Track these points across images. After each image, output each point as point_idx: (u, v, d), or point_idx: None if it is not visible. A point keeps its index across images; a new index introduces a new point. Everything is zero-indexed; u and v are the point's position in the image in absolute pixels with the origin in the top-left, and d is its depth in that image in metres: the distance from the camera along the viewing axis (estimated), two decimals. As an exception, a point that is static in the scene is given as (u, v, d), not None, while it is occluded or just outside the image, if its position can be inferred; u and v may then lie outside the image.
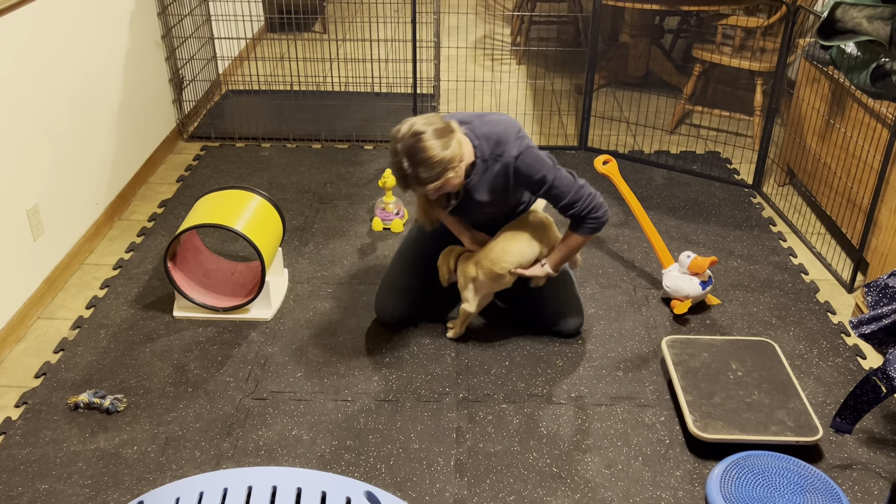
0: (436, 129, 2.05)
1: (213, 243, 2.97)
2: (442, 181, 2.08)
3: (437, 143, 2.04)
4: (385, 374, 2.35)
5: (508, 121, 2.25)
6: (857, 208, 2.79)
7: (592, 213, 2.26)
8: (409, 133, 2.04)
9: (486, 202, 2.30)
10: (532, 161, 2.21)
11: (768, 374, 2.24)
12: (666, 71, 4.40)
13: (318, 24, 5.39)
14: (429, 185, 2.07)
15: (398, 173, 2.09)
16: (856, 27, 2.74)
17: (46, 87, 2.68)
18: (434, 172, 2.05)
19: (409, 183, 2.09)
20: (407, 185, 2.10)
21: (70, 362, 2.38)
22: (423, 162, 2.03)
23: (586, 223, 2.27)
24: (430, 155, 2.03)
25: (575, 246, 2.33)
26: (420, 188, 2.10)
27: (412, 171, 2.05)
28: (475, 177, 2.25)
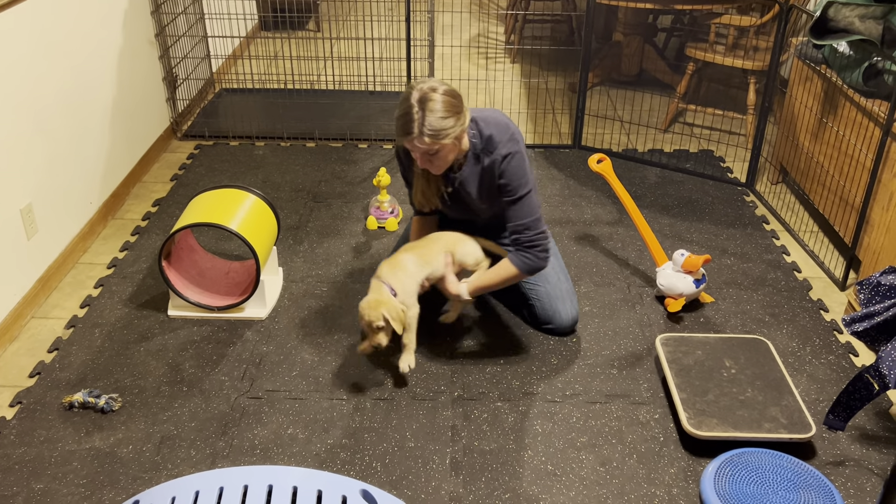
0: (452, 92, 2.13)
1: (207, 242, 2.97)
2: (439, 143, 2.09)
3: (449, 104, 2.10)
4: (380, 373, 2.35)
5: (505, 122, 2.28)
6: (849, 206, 2.81)
7: (539, 247, 2.28)
8: (427, 86, 2.10)
9: (477, 199, 2.33)
10: (517, 167, 2.24)
11: (762, 371, 2.25)
12: (659, 69, 4.41)
13: (312, 23, 5.39)
14: (427, 138, 2.08)
15: (404, 118, 2.09)
16: (848, 26, 2.76)
17: (40, 86, 2.67)
18: (437, 129, 2.07)
19: (410, 130, 2.08)
20: (408, 132, 2.09)
21: (64, 361, 2.38)
22: (433, 112, 2.06)
23: (528, 254, 2.28)
24: (439, 109, 2.07)
25: (504, 277, 2.31)
26: (419, 140, 2.09)
27: (419, 118, 2.06)
28: (466, 169, 2.29)
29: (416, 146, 2.12)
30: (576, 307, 2.50)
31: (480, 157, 2.26)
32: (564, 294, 2.48)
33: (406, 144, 2.15)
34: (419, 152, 2.15)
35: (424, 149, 2.12)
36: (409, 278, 2.28)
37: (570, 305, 2.48)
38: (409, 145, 2.14)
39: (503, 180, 2.25)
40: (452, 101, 2.11)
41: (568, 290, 2.50)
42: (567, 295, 2.49)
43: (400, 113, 2.12)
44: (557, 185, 3.43)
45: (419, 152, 2.15)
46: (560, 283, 2.49)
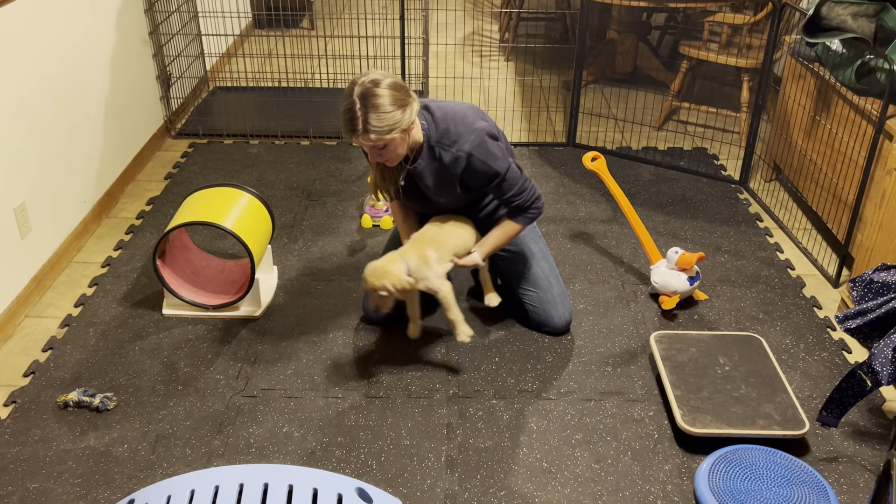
0: (396, 85, 2.06)
1: (202, 241, 2.96)
2: (387, 138, 2.05)
3: (393, 97, 2.03)
4: (375, 371, 2.35)
5: (466, 110, 2.23)
6: (842, 204, 2.82)
7: (534, 204, 2.31)
8: (369, 79, 2.04)
9: (434, 191, 2.29)
10: (486, 157, 2.20)
11: (755, 368, 2.26)
12: (653, 67, 4.42)
13: (306, 21, 5.38)
14: (373, 135, 2.03)
15: (347, 115, 2.04)
16: (841, 24, 2.77)
17: (33, 85, 2.66)
18: (383, 125, 2.03)
19: (355, 127, 2.03)
20: (353, 130, 2.04)
21: (59, 361, 2.37)
22: (376, 108, 2.01)
23: (527, 213, 2.31)
24: (383, 105, 2.01)
25: (511, 234, 2.34)
26: (364, 137, 2.05)
27: (362, 115, 2.01)
28: (422, 162, 2.24)
29: (363, 143, 2.09)
30: (569, 309, 2.50)
31: (435, 150, 2.21)
32: (556, 298, 2.48)
33: (353, 141, 2.12)
34: (367, 147, 2.12)
35: (371, 144, 2.09)
36: (431, 272, 2.26)
37: (563, 308, 2.48)
38: (356, 142, 2.11)
39: (479, 173, 2.21)
40: (396, 94, 2.04)
41: (560, 294, 2.49)
42: (559, 299, 2.48)
43: (343, 109, 2.06)
44: (552, 182, 3.44)
45: (367, 147, 2.12)
46: (551, 287, 2.49)
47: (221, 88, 4.35)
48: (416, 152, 2.24)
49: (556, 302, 2.48)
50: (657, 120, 4.00)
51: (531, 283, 2.48)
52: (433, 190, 2.31)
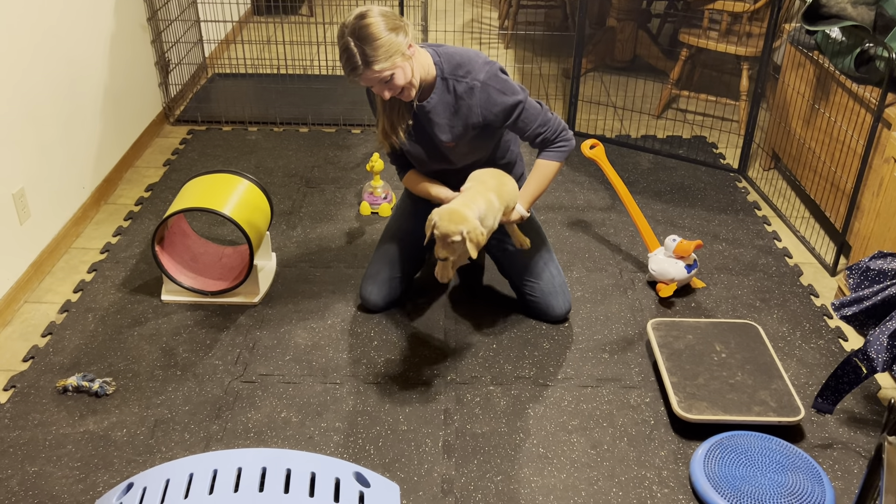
0: (384, 11, 2.01)
1: (200, 227, 2.96)
2: (391, 66, 1.99)
3: (385, 23, 1.98)
4: (373, 357, 2.36)
5: (475, 51, 2.20)
6: (840, 192, 2.82)
7: (562, 135, 2.25)
8: (355, 15, 2.00)
9: (447, 133, 2.22)
10: (502, 85, 2.14)
11: (752, 355, 2.27)
12: (653, 55, 4.41)
13: (305, 7, 5.36)
14: (376, 66, 1.97)
15: (346, 55, 1.98)
16: (840, 12, 2.76)
17: (31, 71, 2.66)
18: (382, 52, 1.97)
19: (355, 64, 1.98)
20: (354, 68, 1.99)
21: (58, 346, 2.38)
22: (369, 38, 1.96)
23: (556, 146, 2.26)
24: (376, 32, 1.96)
25: (548, 174, 2.27)
26: (369, 72, 2.00)
27: (359, 50, 1.96)
28: (434, 97, 2.18)
29: (369, 79, 2.03)
30: (568, 299, 2.51)
31: (449, 82, 2.16)
32: (557, 289, 2.48)
33: (360, 82, 2.05)
34: (375, 84, 2.05)
35: (378, 78, 2.02)
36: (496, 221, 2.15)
37: (563, 299, 2.49)
38: (362, 82, 2.05)
39: (495, 103, 2.15)
40: (386, 19, 1.99)
41: (561, 284, 2.50)
42: (560, 289, 2.49)
43: (340, 52, 2.01)
44: (550, 170, 3.43)
45: (375, 84, 2.05)
46: (553, 278, 2.49)
47: (220, 75, 4.34)
48: (428, 90, 2.17)
49: (557, 292, 2.48)
50: (656, 108, 3.99)
51: (533, 274, 2.48)
52: (446, 130, 2.21)
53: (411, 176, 2.41)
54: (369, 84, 2.07)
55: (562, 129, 2.26)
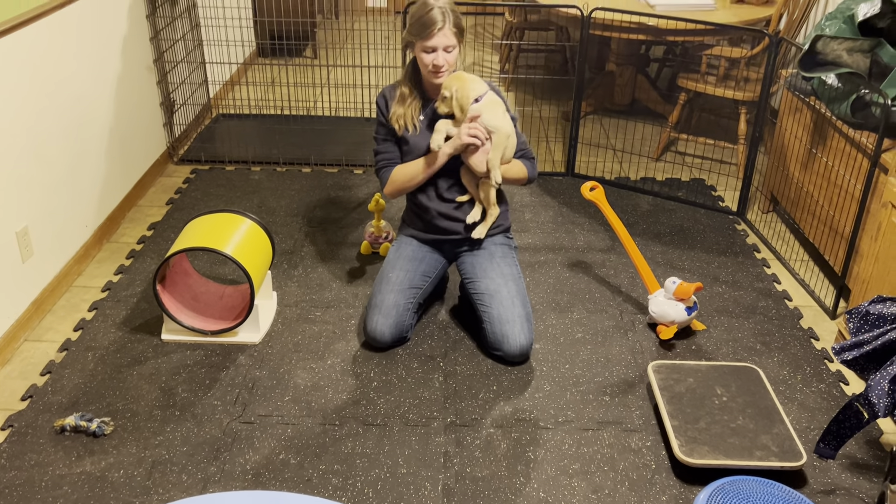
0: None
1: (202, 266, 2.98)
2: (459, 41, 2.40)
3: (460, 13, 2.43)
4: (373, 398, 2.35)
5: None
6: (839, 236, 2.84)
7: (535, 160, 2.63)
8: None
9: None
10: (502, 97, 2.50)
11: (753, 399, 2.26)
12: (651, 99, 4.47)
13: (309, 50, 5.45)
14: (454, 29, 2.36)
15: (429, 15, 2.34)
16: (836, 59, 2.81)
17: (38, 111, 2.69)
18: (460, 25, 2.38)
19: (442, 20, 2.33)
20: (436, 23, 2.33)
21: (57, 385, 2.38)
22: (454, 12, 2.38)
23: (532, 162, 2.61)
24: (458, 11, 2.40)
25: (521, 168, 2.56)
26: (446, 32, 2.35)
27: (444, 12, 2.34)
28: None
29: (440, 40, 2.35)
30: (528, 335, 2.45)
31: None
32: (516, 318, 2.45)
33: (428, 42, 2.36)
34: (440, 47, 2.37)
35: (447, 43, 2.36)
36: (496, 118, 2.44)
37: (521, 331, 2.44)
38: (432, 41, 2.35)
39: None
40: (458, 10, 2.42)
41: (521, 315, 2.46)
42: (519, 319, 2.45)
43: (423, 12, 2.35)
44: (551, 212, 3.46)
45: (440, 47, 2.37)
46: (514, 307, 2.47)
47: (224, 115, 4.39)
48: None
49: (515, 321, 2.45)
50: (655, 151, 4.03)
51: (494, 297, 2.48)
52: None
53: (397, 169, 2.56)
54: (435, 43, 2.36)
55: (533, 156, 2.64)
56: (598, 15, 3.51)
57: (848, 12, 2.92)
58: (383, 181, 2.57)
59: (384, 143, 2.57)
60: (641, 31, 3.63)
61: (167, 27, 3.75)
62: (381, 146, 2.58)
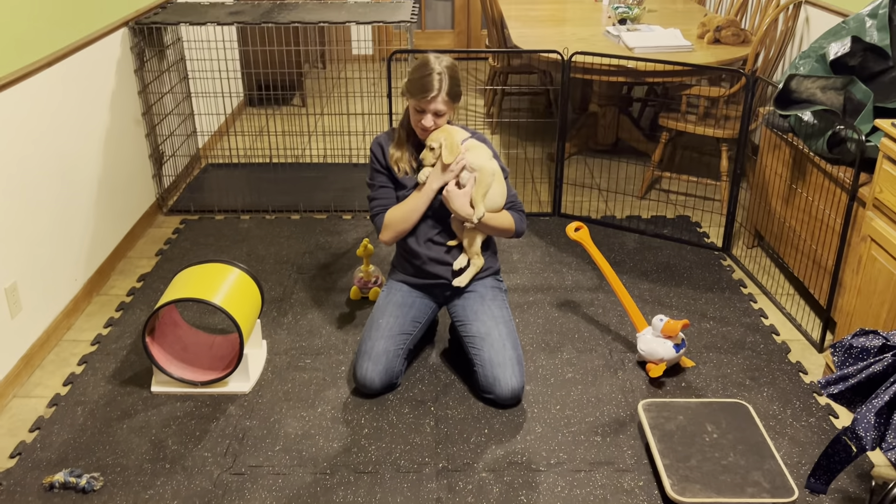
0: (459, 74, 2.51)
1: (191, 317, 2.98)
2: (450, 108, 2.46)
3: (460, 80, 2.48)
4: (364, 445, 2.35)
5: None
6: (822, 269, 2.87)
7: (523, 213, 2.64)
8: (447, 59, 2.45)
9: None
10: (491, 148, 2.54)
11: (743, 435, 2.27)
12: (635, 138, 4.54)
13: (297, 98, 5.52)
14: (445, 98, 2.41)
15: (428, 77, 2.38)
16: (811, 97, 2.87)
17: (28, 165, 2.72)
18: (454, 96, 2.44)
19: (437, 88, 2.38)
20: (431, 90, 2.38)
21: (46, 441, 2.36)
22: (453, 79, 2.43)
23: (520, 213, 2.62)
24: (458, 80, 2.46)
25: (506, 219, 2.57)
26: (438, 100, 2.40)
27: (444, 81, 2.39)
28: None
29: (432, 106, 2.41)
30: (519, 378, 2.46)
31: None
32: (507, 361, 2.47)
33: (421, 104, 2.41)
34: (431, 111, 2.42)
35: (438, 109, 2.42)
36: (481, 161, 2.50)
37: (512, 374, 2.46)
38: (423, 104, 2.41)
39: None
40: (459, 76, 2.48)
41: (512, 358, 2.48)
42: (510, 362, 2.47)
43: (420, 75, 2.40)
44: (538, 252, 3.49)
45: (431, 111, 2.42)
46: (505, 349, 2.49)
47: (213, 165, 4.44)
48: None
49: (506, 365, 2.46)
50: (640, 189, 4.08)
51: (485, 340, 2.50)
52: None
53: (390, 212, 2.57)
54: (426, 107, 2.42)
55: (523, 209, 2.64)
56: (579, 59, 3.59)
57: (820, 51, 2.99)
58: (378, 227, 2.58)
59: (380, 190, 2.59)
60: (621, 74, 3.71)
61: (155, 80, 3.81)
62: (376, 192, 2.60)
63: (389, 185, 2.59)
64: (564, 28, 4.27)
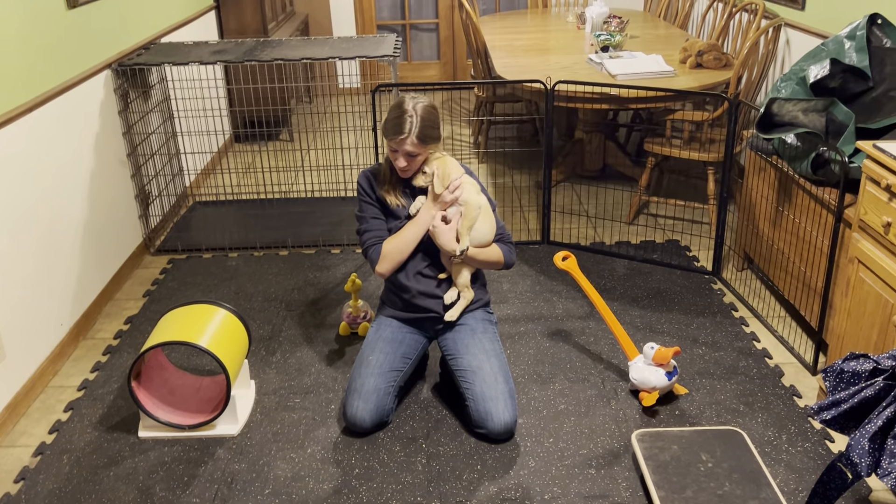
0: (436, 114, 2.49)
1: (178, 359, 2.95)
2: (423, 151, 2.43)
3: (437, 120, 2.47)
4: (355, 486, 2.31)
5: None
6: (812, 291, 2.86)
7: (512, 245, 2.65)
8: (422, 100, 2.44)
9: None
10: (479, 182, 2.57)
11: (738, 463, 2.24)
12: (621, 164, 4.55)
13: (285, 133, 5.53)
14: (416, 140, 2.39)
15: (399, 118, 2.38)
16: (793, 120, 2.88)
17: (12, 209, 2.70)
18: (427, 136, 2.41)
19: (405, 130, 2.37)
20: (401, 132, 2.38)
21: (31, 492, 2.32)
22: (425, 121, 2.40)
23: (509, 245, 2.63)
24: (433, 120, 2.43)
25: (494, 252, 2.57)
26: (408, 142, 2.39)
27: (415, 122, 2.38)
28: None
29: (403, 147, 2.40)
30: (512, 412, 2.44)
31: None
32: (499, 395, 2.44)
33: (393, 144, 2.41)
34: (402, 153, 2.42)
35: (409, 150, 2.41)
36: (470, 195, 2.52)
37: (505, 409, 2.43)
38: (395, 145, 2.41)
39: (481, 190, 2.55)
40: (437, 119, 2.47)
41: (504, 392, 2.45)
42: (502, 396, 2.44)
43: (394, 116, 2.40)
44: (528, 281, 3.47)
45: (402, 153, 2.42)
46: (497, 383, 2.46)
47: (201, 203, 4.43)
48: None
49: (498, 399, 2.43)
50: (628, 215, 4.08)
51: (476, 374, 2.47)
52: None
53: (386, 244, 2.55)
54: (398, 147, 2.42)
55: (512, 241, 2.65)
56: (562, 87, 3.61)
57: (801, 73, 3.01)
58: (374, 260, 2.54)
59: (371, 221, 2.58)
60: (605, 101, 3.72)
61: (140, 121, 3.81)
62: (367, 224, 2.58)
63: (380, 217, 2.58)
64: (548, 56, 4.29)
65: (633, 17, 5.40)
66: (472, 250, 2.52)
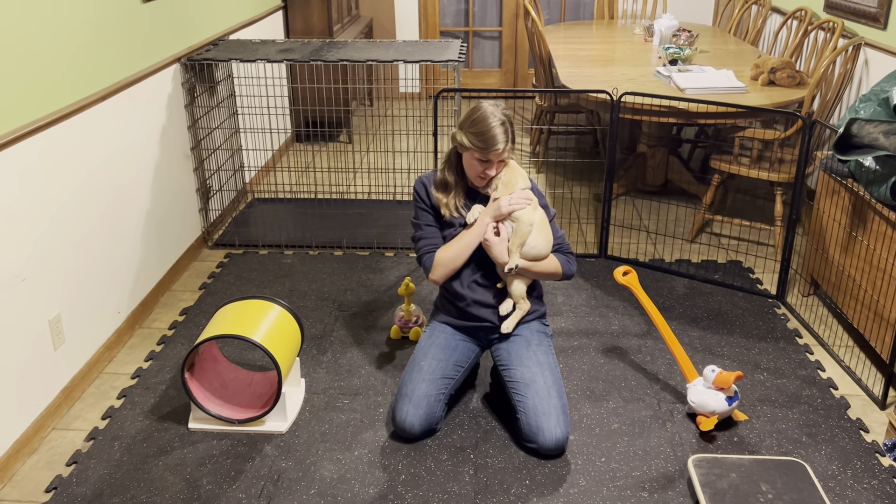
0: None
1: (231, 352, 2.96)
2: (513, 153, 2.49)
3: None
4: (401, 493, 2.27)
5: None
6: (885, 322, 2.74)
7: (573, 255, 2.61)
8: (501, 110, 2.41)
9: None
10: (540, 195, 2.57)
11: (800, 497, 2.14)
12: (685, 180, 4.44)
13: (344, 135, 5.56)
14: (510, 146, 2.41)
15: (499, 128, 2.36)
16: (873, 142, 2.76)
17: (78, 199, 2.75)
18: (515, 144, 2.45)
19: (506, 139, 2.38)
20: (503, 141, 2.37)
21: (82, 476, 2.34)
22: (513, 124, 2.44)
23: (569, 256, 2.59)
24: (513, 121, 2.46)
25: (551, 263, 2.54)
26: (506, 149, 2.40)
27: (508, 131, 2.38)
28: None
29: (500, 152, 2.39)
30: (564, 428, 2.38)
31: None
32: (552, 410, 2.38)
33: (489, 155, 2.38)
34: (496, 160, 2.41)
35: (500, 157, 2.41)
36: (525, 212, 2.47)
37: (557, 424, 2.37)
38: (492, 155, 2.38)
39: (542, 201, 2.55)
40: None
41: (556, 407, 2.40)
42: (555, 411, 2.38)
43: (484, 128, 2.36)
44: (584, 294, 3.41)
45: (496, 160, 2.41)
46: (550, 398, 2.41)
47: (259, 200, 4.46)
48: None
49: (551, 414, 2.38)
50: (690, 232, 3.98)
51: (529, 387, 2.42)
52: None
53: (440, 252, 2.53)
54: (494, 156, 2.40)
55: (572, 251, 2.61)
56: (628, 99, 3.54)
57: (882, 94, 2.89)
58: (427, 267, 2.53)
59: (426, 229, 2.55)
60: (672, 115, 3.64)
61: (205, 115, 3.86)
62: (421, 232, 2.56)
63: (435, 224, 2.55)
64: (613, 68, 4.22)
65: (703, 31, 5.28)
66: (526, 263, 2.47)
